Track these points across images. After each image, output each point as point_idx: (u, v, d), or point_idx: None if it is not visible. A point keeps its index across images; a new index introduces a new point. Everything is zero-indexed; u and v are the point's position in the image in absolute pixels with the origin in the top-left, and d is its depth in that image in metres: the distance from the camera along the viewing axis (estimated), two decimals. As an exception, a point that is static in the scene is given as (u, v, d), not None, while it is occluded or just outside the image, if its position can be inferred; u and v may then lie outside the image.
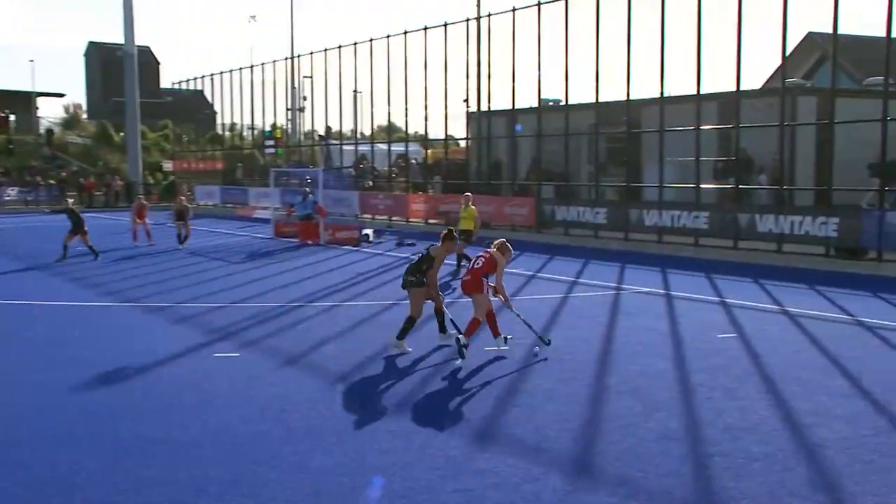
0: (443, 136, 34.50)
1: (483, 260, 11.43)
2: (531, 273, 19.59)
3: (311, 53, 40.18)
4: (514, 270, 19.47)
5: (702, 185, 24.43)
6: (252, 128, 48.77)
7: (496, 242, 11.63)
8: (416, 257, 11.85)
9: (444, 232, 11.73)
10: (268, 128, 45.51)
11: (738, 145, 23.72)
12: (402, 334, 11.29)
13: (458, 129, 38.06)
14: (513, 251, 11.71)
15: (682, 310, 14.58)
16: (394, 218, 35.18)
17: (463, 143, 37.05)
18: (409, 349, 11.25)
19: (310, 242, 27.18)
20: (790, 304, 15.07)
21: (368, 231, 28.63)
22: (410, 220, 34.38)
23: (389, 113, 36.01)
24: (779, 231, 21.65)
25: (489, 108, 31.84)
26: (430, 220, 33.45)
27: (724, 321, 13.60)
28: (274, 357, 11.17)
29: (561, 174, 29.75)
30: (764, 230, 22.07)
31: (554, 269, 20.54)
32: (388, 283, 18.48)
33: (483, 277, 11.30)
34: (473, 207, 19.85)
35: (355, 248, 25.91)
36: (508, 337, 11.38)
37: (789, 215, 21.51)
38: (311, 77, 41.11)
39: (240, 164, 49.50)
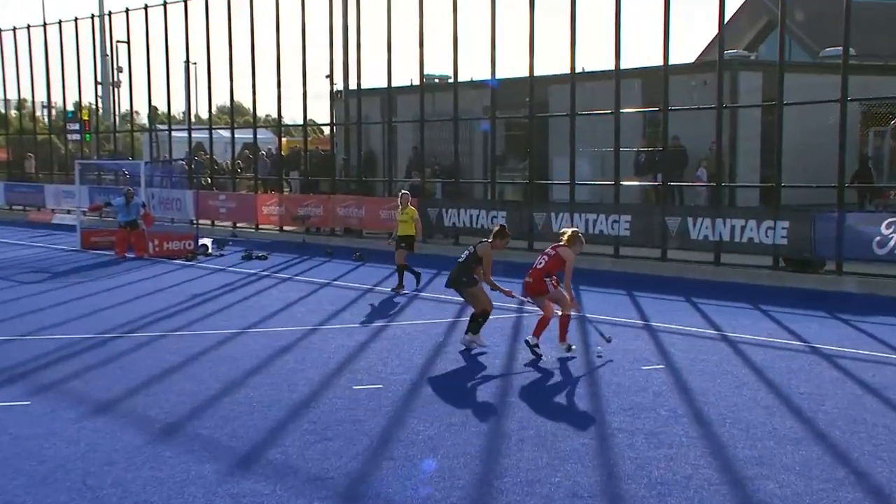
0: (301, 121, 34.31)
1: (547, 259, 13.11)
2: (413, 292, 19.63)
3: (128, 11, 39.23)
4: (389, 289, 19.53)
5: (623, 182, 24.88)
6: (49, 107, 47.49)
7: (567, 233, 13.23)
8: (464, 255, 13.77)
9: (497, 228, 13.64)
10: (70, 107, 44.40)
11: (667, 132, 24.21)
12: (476, 328, 13.43)
13: (321, 113, 37.93)
14: (584, 242, 13.46)
15: (598, 336, 14.80)
16: (239, 224, 34.87)
17: (327, 131, 36.94)
18: (486, 343, 13.47)
19: (130, 255, 26.68)
20: (730, 327, 15.51)
21: (207, 241, 28.34)
22: (261, 226, 34.13)
23: (232, 91, 35.53)
24: (716, 238, 22.11)
25: (359, 86, 31.79)
26: (286, 227, 33.25)
27: (649, 349, 13.91)
28: (78, 404, 10.91)
29: (450, 168, 29.88)
30: (698, 237, 22.49)
31: (440, 288, 20.54)
32: (232, 305, 18.28)
33: (545, 277, 13.07)
34: (413, 208, 20.86)
35: (190, 263, 25.57)
36: (573, 346, 13.48)
37: (729, 219, 21.96)
38: (128, 42, 40.23)
39: (31, 153, 48.19)
